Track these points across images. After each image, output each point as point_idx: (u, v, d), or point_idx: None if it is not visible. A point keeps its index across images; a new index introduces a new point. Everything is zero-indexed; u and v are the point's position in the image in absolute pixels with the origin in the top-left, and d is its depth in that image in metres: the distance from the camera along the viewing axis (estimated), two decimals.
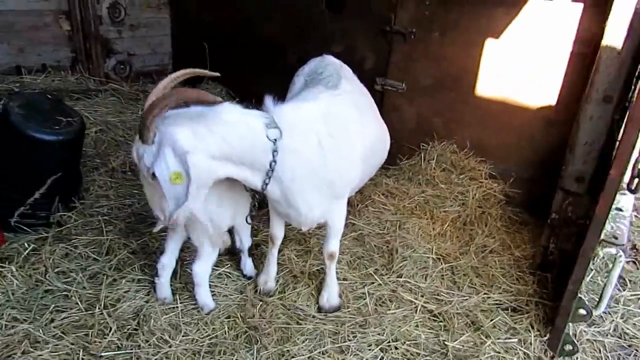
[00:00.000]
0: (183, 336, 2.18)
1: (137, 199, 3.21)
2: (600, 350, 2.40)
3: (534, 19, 3.30)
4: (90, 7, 4.99)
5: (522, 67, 3.42)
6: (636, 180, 1.92)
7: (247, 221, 2.42)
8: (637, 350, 2.43)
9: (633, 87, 2.27)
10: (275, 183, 2.10)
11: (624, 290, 2.84)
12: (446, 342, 2.31)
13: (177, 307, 2.34)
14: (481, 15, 3.51)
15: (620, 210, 2.26)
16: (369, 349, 2.24)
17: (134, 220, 2.96)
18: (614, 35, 2.20)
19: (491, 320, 2.46)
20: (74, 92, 4.76)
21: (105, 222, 2.84)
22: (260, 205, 2.53)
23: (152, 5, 5.58)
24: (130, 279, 2.46)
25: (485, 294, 2.66)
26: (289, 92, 2.78)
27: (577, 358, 2.32)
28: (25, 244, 2.54)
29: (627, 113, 2.15)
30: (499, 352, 2.25)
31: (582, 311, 2.19)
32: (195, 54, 5.62)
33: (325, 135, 2.09)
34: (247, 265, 2.67)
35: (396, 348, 2.27)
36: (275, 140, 1.97)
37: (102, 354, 2.00)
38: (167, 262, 2.36)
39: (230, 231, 2.58)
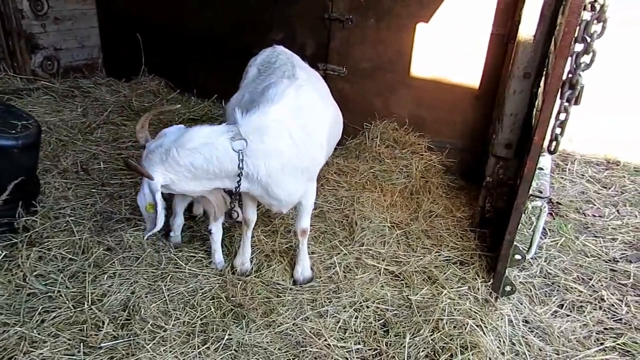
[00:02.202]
0: (175, 320, 2.32)
1: (98, 197, 3.22)
2: (531, 289, 2.84)
3: (458, 3, 3.67)
4: (10, 1, 4.70)
5: (450, 48, 3.80)
6: (554, 143, 2.32)
7: (229, 219, 2.64)
8: (559, 286, 2.90)
9: (546, 64, 2.68)
10: (254, 183, 2.33)
11: (545, 238, 3.35)
12: (409, 297, 2.63)
13: (163, 294, 2.46)
14: (411, 1, 3.83)
15: (542, 169, 2.69)
16: (345, 311, 2.52)
17: (101, 218, 2.99)
18: (529, 22, 2.59)
19: (444, 273, 2.82)
20: (3, 92, 4.52)
21: (73, 223, 2.85)
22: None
23: None
24: (111, 274, 2.53)
25: (436, 252, 3.03)
26: (242, 81, 2.92)
27: (514, 297, 2.74)
28: None
29: (544, 87, 2.55)
30: (454, 299, 2.62)
31: (517, 256, 2.60)
32: (127, 46, 5.48)
33: (296, 128, 2.28)
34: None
35: (367, 307, 2.56)
36: (241, 150, 2.20)
37: (102, 345, 2.11)
38: (217, 230, 2.72)
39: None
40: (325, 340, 2.31)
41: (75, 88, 5.04)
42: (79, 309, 2.29)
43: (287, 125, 2.28)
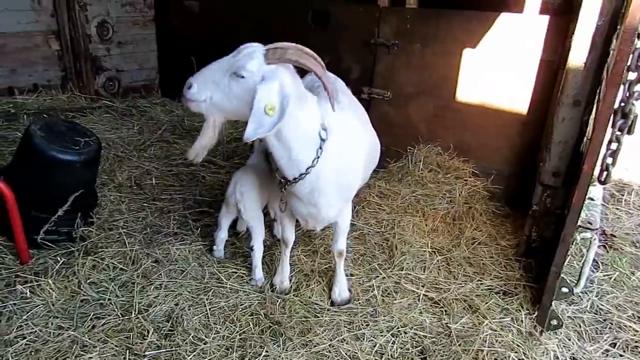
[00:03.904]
0: (215, 334, 2.38)
1: (149, 211, 3.39)
2: (580, 325, 2.70)
3: (506, 30, 3.65)
4: (80, 27, 5.11)
5: (498, 73, 3.76)
6: (605, 173, 2.24)
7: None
8: (611, 323, 2.74)
9: (598, 92, 2.61)
10: (305, 182, 2.25)
11: (597, 271, 3.18)
12: (449, 325, 2.58)
13: (205, 307, 2.54)
14: (458, 27, 3.85)
15: (592, 199, 2.59)
16: (382, 335, 2.50)
17: (150, 231, 3.14)
18: (580, 49, 2.55)
19: (486, 303, 2.74)
20: (69, 110, 4.88)
21: (125, 235, 3.02)
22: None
23: (138, 23, 5.73)
24: (157, 285, 2.64)
25: (478, 280, 2.95)
26: None
27: (561, 332, 2.62)
28: (58, 258, 2.70)
29: (594, 115, 2.48)
30: (496, 330, 2.54)
31: (564, 289, 2.50)
32: (181, 68, 5.77)
33: None
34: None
35: (405, 332, 2.53)
36: (323, 140, 2.18)
37: (146, 353, 2.20)
38: (258, 247, 2.80)
39: None
40: None
41: (133, 107, 5.37)
42: (126, 317, 2.41)
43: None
